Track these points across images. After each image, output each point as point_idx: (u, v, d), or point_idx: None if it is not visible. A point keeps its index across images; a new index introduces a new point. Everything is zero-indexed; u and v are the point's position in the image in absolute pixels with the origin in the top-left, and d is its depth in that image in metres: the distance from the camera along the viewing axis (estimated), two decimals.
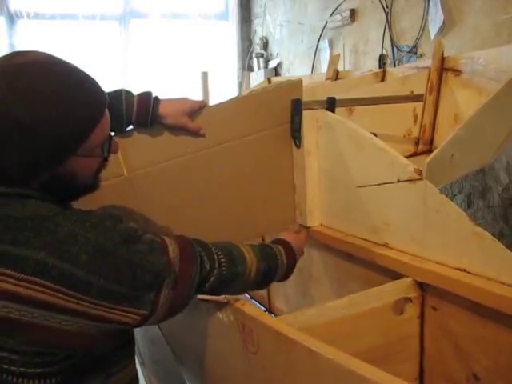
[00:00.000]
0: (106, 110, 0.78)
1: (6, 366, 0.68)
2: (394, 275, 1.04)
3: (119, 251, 0.71)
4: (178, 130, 1.10)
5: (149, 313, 0.74)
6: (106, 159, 0.83)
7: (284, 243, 1.03)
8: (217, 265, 0.85)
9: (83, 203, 0.83)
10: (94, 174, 0.82)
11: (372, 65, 2.67)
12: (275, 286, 1.63)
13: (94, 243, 0.69)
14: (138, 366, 1.55)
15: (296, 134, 1.23)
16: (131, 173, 1.10)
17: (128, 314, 0.72)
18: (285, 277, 1.02)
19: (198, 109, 1.11)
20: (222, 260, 0.87)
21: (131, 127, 1.09)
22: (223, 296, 0.95)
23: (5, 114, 0.68)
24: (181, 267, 0.78)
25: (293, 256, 1.02)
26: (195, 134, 1.12)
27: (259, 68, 4.04)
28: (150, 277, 0.73)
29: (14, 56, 0.72)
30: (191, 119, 1.10)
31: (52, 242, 0.67)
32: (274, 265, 0.96)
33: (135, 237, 0.74)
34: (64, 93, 0.71)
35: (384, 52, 2.58)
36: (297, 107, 1.20)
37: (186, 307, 0.82)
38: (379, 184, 1.07)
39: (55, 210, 0.72)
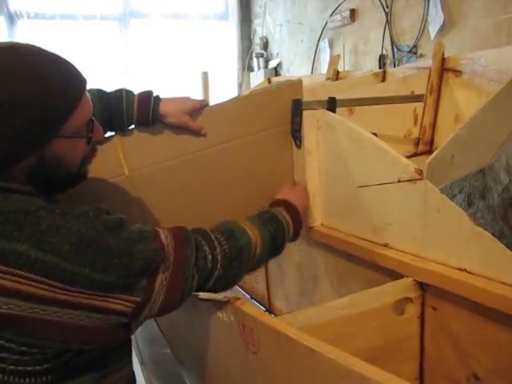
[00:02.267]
0: (86, 92, 0.78)
1: None
2: (395, 275, 1.04)
3: (103, 240, 0.71)
4: (179, 129, 1.10)
5: (142, 300, 0.73)
6: (89, 142, 0.82)
7: (281, 202, 1.03)
8: (216, 243, 0.86)
9: (83, 202, 0.83)
10: (79, 160, 0.81)
11: (372, 65, 2.67)
12: (275, 286, 1.63)
13: (76, 233, 0.69)
14: (138, 366, 1.56)
15: (296, 134, 1.23)
16: (132, 172, 1.10)
17: (120, 302, 0.71)
18: (296, 234, 1.02)
19: (199, 108, 1.11)
20: (221, 238, 0.87)
21: (133, 127, 1.09)
22: (223, 295, 0.95)
23: None
24: (176, 252, 0.78)
25: (294, 210, 1.02)
26: (196, 133, 1.12)
27: (259, 68, 4.04)
28: (141, 264, 0.72)
29: None
30: (192, 118, 1.10)
31: (34, 234, 0.67)
32: (279, 226, 0.96)
33: (121, 225, 0.74)
34: (40, 73, 0.72)
35: (384, 52, 2.58)
36: (297, 107, 1.20)
37: (187, 295, 0.81)
38: (380, 184, 1.07)
39: (38, 204, 0.72)
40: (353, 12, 2.83)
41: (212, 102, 1.17)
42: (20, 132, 0.70)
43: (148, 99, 1.05)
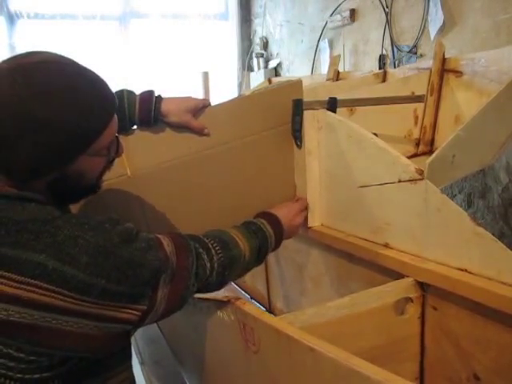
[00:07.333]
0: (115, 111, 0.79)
1: (3, 371, 0.69)
2: (395, 275, 1.04)
3: (119, 251, 0.71)
4: (181, 129, 1.10)
5: (147, 308, 0.74)
6: (112, 160, 0.84)
7: (267, 214, 1.08)
8: (213, 252, 0.88)
9: (86, 202, 0.83)
10: (98, 174, 0.82)
11: (372, 65, 2.67)
12: (275, 286, 1.63)
13: (94, 245, 0.69)
14: (138, 366, 1.56)
15: (297, 134, 1.23)
16: (134, 172, 1.10)
17: (129, 311, 0.72)
18: (276, 245, 1.07)
19: (201, 107, 1.11)
20: (217, 248, 0.89)
21: (135, 127, 1.09)
22: (223, 295, 0.95)
23: (20, 107, 0.68)
24: (177, 261, 0.79)
25: (277, 224, 1.07)
26: (199, 132, 1.12)
27: (259, 68, 4.04)
28: (148, 273, 0.73)
29: (30, 54, 0.73)
30: (194, 117, 1.10)
31: (52, 245, 0.67)
32: (263, 238, 1.01)
33: (132, 236, 0.75)
34: (78, 92, 0.72)
35: (384, 52, 2.58)
36: (298, 107, 1.20)
37: (187, 301, 0.82)
38: (380, 184, 1.07)
39: (55, 213, 0.72)
40: (353, 12, 2.83)
41: (212, 102, 1.17)
42: (52, 149, 0.71)
43: (150, 98, 1.05)
